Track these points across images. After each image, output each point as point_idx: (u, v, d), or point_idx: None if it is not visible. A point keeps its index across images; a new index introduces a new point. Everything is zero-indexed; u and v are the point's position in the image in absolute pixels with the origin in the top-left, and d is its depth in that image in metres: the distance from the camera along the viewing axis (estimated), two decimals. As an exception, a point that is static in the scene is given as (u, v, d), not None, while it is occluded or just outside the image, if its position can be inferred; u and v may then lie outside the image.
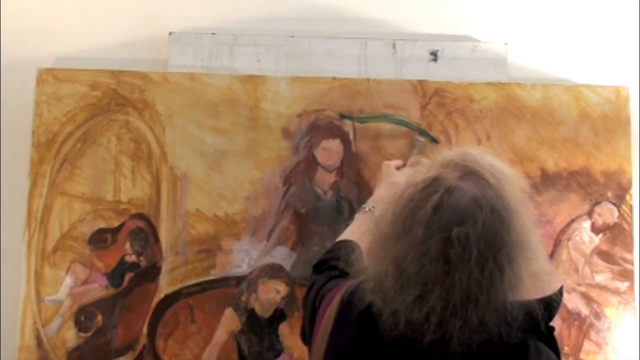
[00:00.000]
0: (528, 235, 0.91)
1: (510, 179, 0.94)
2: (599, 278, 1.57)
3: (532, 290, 0.91)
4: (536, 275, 0.92)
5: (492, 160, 0.95)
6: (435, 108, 1.60)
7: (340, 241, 1.31)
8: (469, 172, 0.92)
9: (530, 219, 0.94)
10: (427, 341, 0.88)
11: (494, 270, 0.87)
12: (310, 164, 1.58)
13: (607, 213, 1.58)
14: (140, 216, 1.55)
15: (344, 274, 1.15)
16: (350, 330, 0.97)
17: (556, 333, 0.95)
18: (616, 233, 1.58)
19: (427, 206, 0.89)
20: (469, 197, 0.89)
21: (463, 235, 0.86)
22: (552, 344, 0.94)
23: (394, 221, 0.92)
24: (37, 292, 1.52)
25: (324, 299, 1.08)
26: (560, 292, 0.95)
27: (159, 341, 1.52)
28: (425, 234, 0.88)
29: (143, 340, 1.52)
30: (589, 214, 1.58)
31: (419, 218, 0.89)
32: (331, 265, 1.21)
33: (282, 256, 1.55)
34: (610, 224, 1.58)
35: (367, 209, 1.39)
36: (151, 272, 1.54)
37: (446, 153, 0.97)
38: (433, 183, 0.91)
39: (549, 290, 0.94)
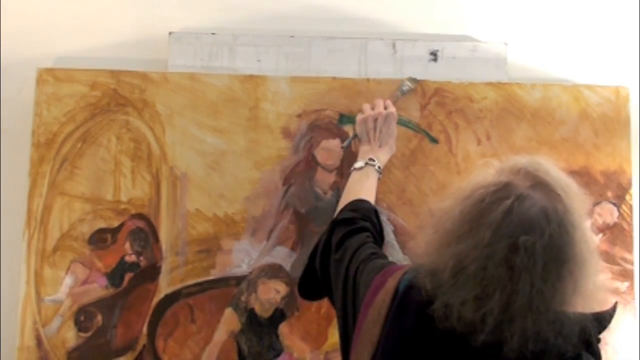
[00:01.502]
0: (589, 252, 0.93)
1: (577, 195, 0.96)
2: (599, 278, 1.57)
3: (587, 305, 0.93)
4: (593, 292, 0.94)
5: (561, 174, 0.97)
6: (435, 108, 1.60)
7: (362, 200, 1.31)
8: (540, 183, 0.94)
9: (592, 236, 0.95)
10: (481, 341, 0.90)
11: (556, 282, 0.89)
12: (310, 164, 1.58)
13: (607, 213, 1.58)
14: (140, 216, 1.55)
15: (375, 240, 1.20)
16: (410, 321, 0.98)
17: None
18: (616, 233, 1.58)
19: (498, 210, 0.90)
20: (539, 207, 0.91)
21: (530, 244, 0.88)
22: (599, 358, 0.96)
23: (462, 220, 0.94)
24: (37, 292, 1.52)
25: (368, 275, 1.08)
26: (614, 309, 0.97)
27: (158, 341, 1.52)
28: (492, 237, 0.90)
29: (143, 340, 1.52)
30: (589, 214, 1.58)
31: (488, 221, 0.90)
32: (360, 227, 1.23)
33: (282, 256, 1.55)
34: (610, 224, 1.58)
35: (377, 165, 1.39)
36: (151, 272, 1.54)
37: (517, 160, 0.98)
38: (504, 188, 0.92)
39: (598, 306, 0.96)
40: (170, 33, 1.62)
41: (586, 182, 1.58)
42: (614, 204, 1.58)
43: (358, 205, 1.30)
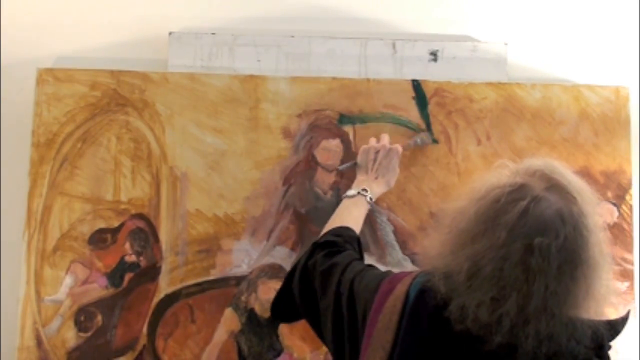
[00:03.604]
0: (602, 256, 0.94)
1: (591, 198, 0.97)
2: (599, 278, 1.57)
3: (599, 309, 0.94)
4: (604, 296, 0.94)
5: (575, 177, 0.98)
6: (435, 108, 1.60)
7: (346, 228, 1.32)
8: (556, 185, 0.94)
9: (604, 240, 0.96)
10: (496, 343, 0.90)
11: (570, 284, 0.90)
12: (310, 164, 1.58)
13: (607, 213, 1.58)
14: (140, 216, 1.55)
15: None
16: (425, 325, 0.98)
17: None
18: (616, 233, 1.58)
19: (513, 211, 0.90)
20: (554, 209, 0.91)
21: (545, 245, 0.88)
22: None
23: (476, 220, 0.94)
24: (37, 292, 1.52)
25: (370, 283, 1.08)
26: (626, 316, 0.98)
27: (158, 341, 1.52)
28: (507, 238, 0.90)
29: (143, 340, 1.52)
30: (589, 214, 1.58)
31: (503, 221, 0.91)
32: (343, 250, 1.24)
33: (282, 256, 1.55)
34: (610, 224, 1.58)
35: (368, 197, 1.40)
36: (151, 272, 1.54)
37: (532, 162, 0.99)
38: (520, 189, 0.93)
39: (608, 311, 0.96)
40: (170, 33, 1.62)
41: (586, 183, 1.58)
42: (614, 204, 1.58)
43: (342, 232, 1.31)
